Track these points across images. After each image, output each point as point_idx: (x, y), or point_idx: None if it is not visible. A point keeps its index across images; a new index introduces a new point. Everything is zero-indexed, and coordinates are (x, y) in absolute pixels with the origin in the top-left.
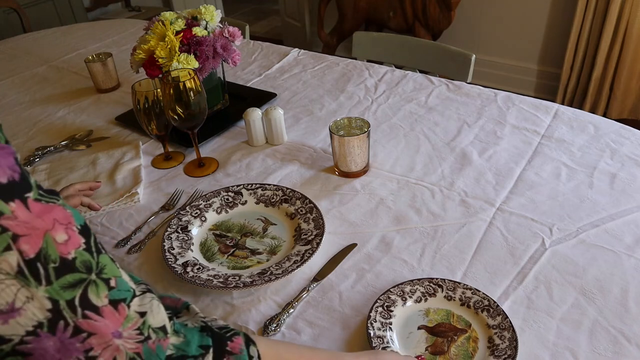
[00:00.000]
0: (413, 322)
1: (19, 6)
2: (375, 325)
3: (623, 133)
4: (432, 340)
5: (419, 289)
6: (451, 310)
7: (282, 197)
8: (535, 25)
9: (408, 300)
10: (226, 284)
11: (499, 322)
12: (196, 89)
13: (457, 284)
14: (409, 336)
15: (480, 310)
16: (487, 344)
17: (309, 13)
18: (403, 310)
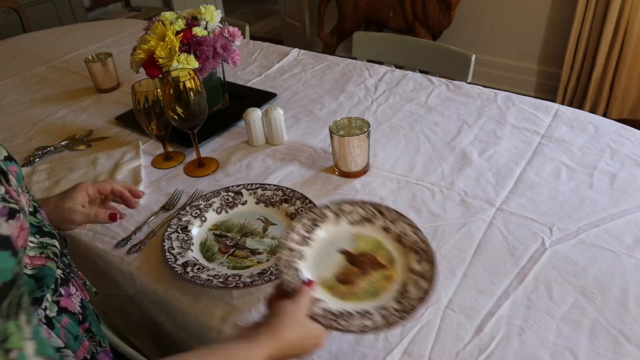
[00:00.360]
0: (338, 244)
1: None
2: (294, 237)
3: (623, 133)
4: (346, 267)
5: (358, 211)
6: (382, 243)
7: (282, 197)
8: (535, 25)
9: (342, 219)
10: (226, 284)
11: (424, 270)
12: (196, 89)
13: (403, 217)
14: (326, 257)
15: (411, 251)
16: (399, 288)
17: (309, 13)
18: (334, 229)
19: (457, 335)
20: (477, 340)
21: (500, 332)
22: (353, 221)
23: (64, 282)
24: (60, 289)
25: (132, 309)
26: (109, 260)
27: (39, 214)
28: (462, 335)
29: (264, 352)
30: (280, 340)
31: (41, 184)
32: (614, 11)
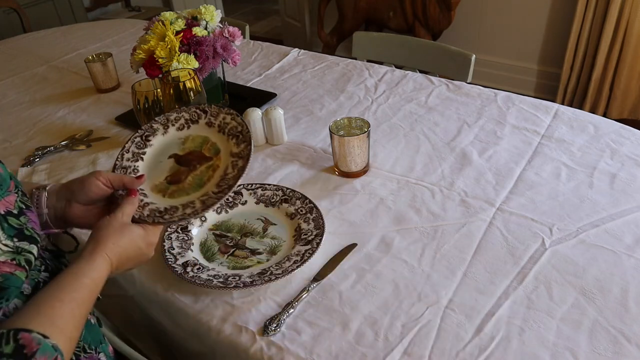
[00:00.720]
0: (168, 151)
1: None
2: (126, 156)
3: (623, 133)
4: (175, 169)
5: (183, 116)
6: (209, 138)
7: (282, 197)
8: (535, 25)
9: (170, 128)
10: (226, 284)
11: (240, 151)
12: (196, 89)
13: (221, 109)
14: (157, 165)
15: (231, 137)
16: (221, 173)
17: (309, 13)
18: (163, 139)
19: (457, 335)
20: (477, 340)
21: (500, 332)
22: (180, 126)
23: None
24: None
25: (132, 309)
26: None
27: (24, 216)
28: (462, 335)
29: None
30: (111, 249)
31: (41, 183)
32: (614, 11)
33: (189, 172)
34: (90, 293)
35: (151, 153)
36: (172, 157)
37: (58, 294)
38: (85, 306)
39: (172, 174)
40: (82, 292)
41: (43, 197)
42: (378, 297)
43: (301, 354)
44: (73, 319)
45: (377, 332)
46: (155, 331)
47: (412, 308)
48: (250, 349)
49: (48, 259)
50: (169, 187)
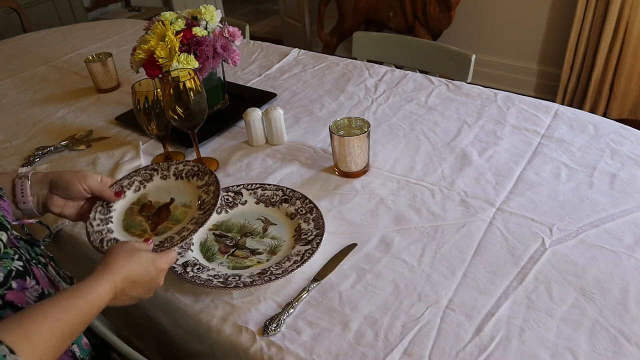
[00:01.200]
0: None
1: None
2: (95, 223)
3: (623, 133)
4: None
5: (136, 180)
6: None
7: (282, 197)
8: (535, 25)
9: (127, 192)
10: (226, 284)
11: (206, 181)
12: (196, 89)
13: (171, 163)
14: (131, 223)
15: (189, 177)
16: (198, 202)
17: (309, 13)
18: (123, 203)
19: (457, 335)
20: (477, 340)
21: (500, 332)
22: (136, 188)
23: (20, 275)
24: (13, 281)
25: (132, 309)
26: None
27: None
28: (462, 335)
29: (106, 284)
30: (118, 270)
31: None
32: (614, 11)
33: (165, 217)
34: (82, 315)
35: (117, 217)
36: (142, 216)
37: (47, 309)
38: (71, 327)
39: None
40: (71, 312)
41: (27, 185)
42: (378, 297)
43: (301, 354)
44: (51, 337)
45: (377, 332)
46: (155, 331)
47: (412, 308)
48: (250, 349)
49: (22, 248)
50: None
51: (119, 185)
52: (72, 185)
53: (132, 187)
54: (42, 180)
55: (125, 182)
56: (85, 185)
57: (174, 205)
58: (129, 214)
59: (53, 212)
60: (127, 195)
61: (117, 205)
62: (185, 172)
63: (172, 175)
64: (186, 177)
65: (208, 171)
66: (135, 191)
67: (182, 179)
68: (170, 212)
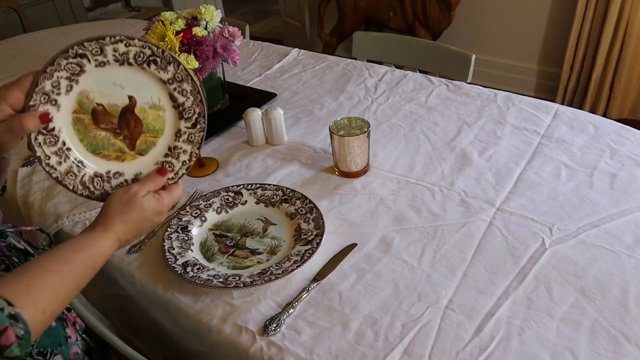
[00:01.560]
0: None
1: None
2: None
3: (623, 133)
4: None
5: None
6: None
7: (282, 197)
8: (535, 25)
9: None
10: (226, 284)
11: (174, 74)
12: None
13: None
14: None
15: (146, 64)
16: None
17: (309, 13)
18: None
19: (457, 335)
20: (477, 340)
21: (500, 332)
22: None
23: None
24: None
25: (132, 309)
26: (109, 260)
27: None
28: (462, 335)
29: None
30: (117, 224)
31: (41, 184)
32: (614, 11)
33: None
34: (84, 269)
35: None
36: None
37: (47, 263)
38: (75, 281)
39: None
40: (74, 265)
41: None
42: (378, 297)
43: (301, 354)
44: (53, 290)
45: (377, 332)
46: (156, 331)
47: (412, 308)
48: (250, 349)
49: (14, 256)
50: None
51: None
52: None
53: (61, 90)
54: None
55: (46, 84)
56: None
57: (139, 107)
58: (81, 129)
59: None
60: (60, 102)
61: (57, 124)
62: (134, 55)
63: (112, 60)
64: (136, 63)
65: (170, 58)
66: (67, 91)
67: (130, 64)
68: (140, 119)
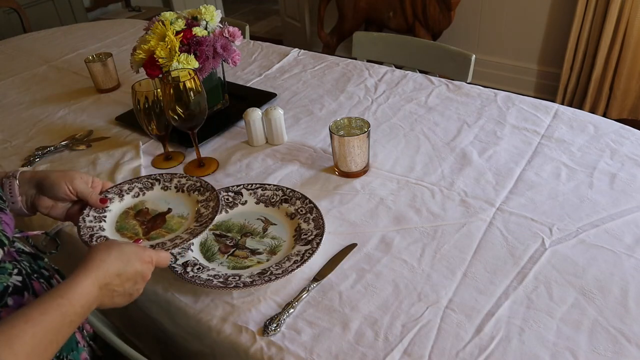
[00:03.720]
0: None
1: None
2: (88, 219)
3: (623, 133)
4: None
5: (136, 186)
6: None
7: (282, 197)
8: (535, 25)
9: (125, 196)
10: (226, 284)
11: (207, 197)
12: (196, 89)
13: (174, 175)
14: (124, 225)
15: (190, 192)
16: (195, 215)
17: (309, 13)
18: (120, 205)
19: (457, 335)
20: (477, 340)
21: (500, 332)
22: (135, 194)
23: (18, 291)
24: (9, 298)
25: (132, 309)
26: None
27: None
28: (462, 335)
29: (87, 280)
30: (98, 265)
31: None
32: (614, 11)
33: (160, 224)
34: (63, 315)
35: (111, 218)
36: (136, 220)
37: (28, 312)
38: (54, 329)
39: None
40: (52, 313)
41: (15, 185)
42: (378, 297)
43: (301, 354)
44: (34, 341)
45: (377, 332)
46: (155, 331)
47: (412, 308)
48: (250, 349)
49: (25, 261)
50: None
51: (111, 191)
52: (58, 187)
53: (131, 193)
54: (30, 180)
55: (125, 186)
56: (72, 187)
57: (171, 215)
58: (123, 217)
59: (41, 212)
60: (124, 199)
61: (114, 207)
62: (188, 186)
63: (173, 187)
64: (187, 190)
65: (210, 187)
66: (134, 197)
67: (183, 192)
68: (166, 221)
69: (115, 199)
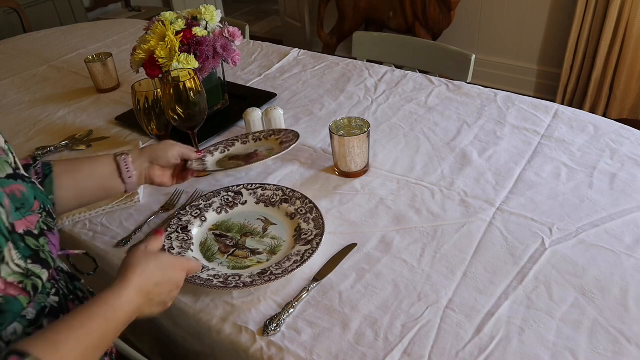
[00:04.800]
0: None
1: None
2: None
3: (623, 133)
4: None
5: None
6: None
7: (282, 197)
8: (535, 25)
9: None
10: (226, 284)
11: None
12: (196, 89)
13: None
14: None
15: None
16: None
17: (309, 13)
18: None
19: (457, 335)
20: (477, 340)
21: (500, 332)
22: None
23: (54, 313)
24: (45, 319)
25: None
26: (109, 260)
27: (43, 238)
28: (462, 335)
29: (132, 289)
30: (139, 274)
31: None
32: (614, 11)
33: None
34: (107, 323)
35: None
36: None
37: (71, 319)
38: (99, 336)
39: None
40: (97, 320)
41: (129, 161)
42: (378, 297)
43: (301, 354)
44: (79, 347)
45: (377, 332)
46: (155, 331)
47: (412, 308)
48: (250, 349)
49: (62, 280)
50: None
51: (203, 150)
52: (170, 153)
53: (217, 151)
54: (141, 155)
55: (211, 147)
56: (177, 152)
57: (260, 150)
58: (220, 162)
59: (154, 182)
60: (215, 155)
61: (208, 159)
62: (265, 134)
63: (251, 140)
64: (265, 138)
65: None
66: (222, 153)
67: (261, 140)
68: (257, 154)
69: (208, 155)
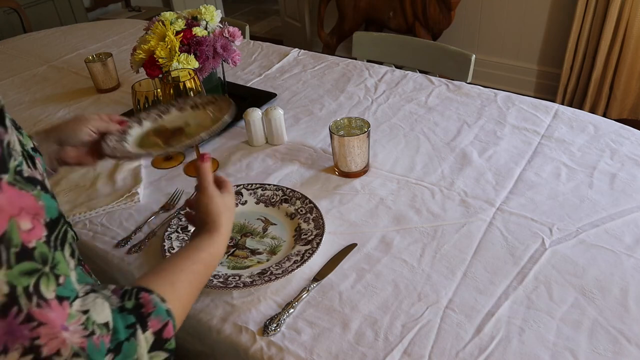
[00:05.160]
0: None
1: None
2: (110, 143)
3: (623, 133)
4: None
5: (152, 113)
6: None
7: (282, 197)
8: (535, 25)
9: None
10: (226, 284)
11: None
12: (196, 89)
13: (187, 98)
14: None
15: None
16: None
17: (309, 13)
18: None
19: (457, 335)
20: (477, 340)
21: (500, 332)
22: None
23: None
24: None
25: None
26: (109, 260)
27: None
28: (462, 335)
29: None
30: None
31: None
32: (614, 11)
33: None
34: (207, 267)
35: (132, 141)
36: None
37: (179, 263)
38: (201, 279)
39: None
40: (200, 265)
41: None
42: (378, 297)
43: (301, 354)
44: (190, 288)
45: (377, 332)
46: None
47: (412, 308)
48: (250, 349)
49: None
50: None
51: (130, 120)
52: (79, 131)
53: (148, 119)
54: (47, 138)
55: (142, 115)
56: (91, 127)
57: (189, 126)
58: (145, 138)
59: (69, 163)
60: (144, 125)
61: (133, 132)
62: (201, 102)
63: (188, 107)
64: (202, 106)
65: (224, 97)
66: (153, 122)
67: (199, 108)
68: (184, 132)
69: (134, 126)
